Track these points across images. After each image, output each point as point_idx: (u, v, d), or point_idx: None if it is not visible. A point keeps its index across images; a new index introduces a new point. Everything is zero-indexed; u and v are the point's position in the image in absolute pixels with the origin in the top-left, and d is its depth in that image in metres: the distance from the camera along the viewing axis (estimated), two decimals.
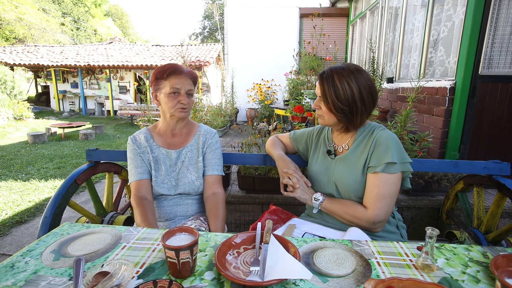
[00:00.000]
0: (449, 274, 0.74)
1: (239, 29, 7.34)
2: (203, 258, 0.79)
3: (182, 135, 1.46)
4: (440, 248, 0.87)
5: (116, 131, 8.65)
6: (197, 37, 36.58)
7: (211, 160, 1.44)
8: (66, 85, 13.19)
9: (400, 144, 1.18)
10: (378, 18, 4.55)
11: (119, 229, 0.94)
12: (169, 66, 1.31)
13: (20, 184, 3.87)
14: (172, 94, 1.29)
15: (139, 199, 1.26)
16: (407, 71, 3.59)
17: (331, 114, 1.19)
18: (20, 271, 0.72)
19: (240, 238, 0.85)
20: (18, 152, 5.65)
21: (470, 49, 2.34)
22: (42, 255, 0.79)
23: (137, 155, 1.36)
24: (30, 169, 4.58)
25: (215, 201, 1.35)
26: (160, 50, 14.09)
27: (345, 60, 6.57)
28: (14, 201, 3.30)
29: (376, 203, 1.13)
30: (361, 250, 0.84)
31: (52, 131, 7.48)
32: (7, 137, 7.26)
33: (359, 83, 1.14)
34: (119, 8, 39.45)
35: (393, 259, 0.80)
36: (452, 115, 2.48)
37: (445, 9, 2.86)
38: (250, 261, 0.78)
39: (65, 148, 6.13)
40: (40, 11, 24.27)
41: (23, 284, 0.68)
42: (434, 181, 2.23)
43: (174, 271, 0.70)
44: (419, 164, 1.62)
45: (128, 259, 0.78)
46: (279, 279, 0.66)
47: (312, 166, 1.39)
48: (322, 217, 1.32)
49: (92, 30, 30.98)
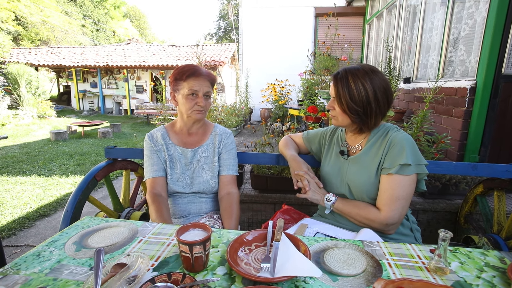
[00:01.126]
0: (462, 278, 0.73)
1: (253, 29, 7.36)
2: (215, 254, 0.82)
3: (198, 135, 1.48)
4: (455, 251, 0.85)
5: (133, 130, 8.88)
6: (212, 37, 36.92)
7: (227, 160, 1.46)
8: (86, 84, 13.66)
9: (415, 146, 1.16)
10: (395, 16, 4.45)
11: (135, 224, 0.98)
12: (188, 68, 1.33)
13: (43, 179, 4.05)
14: (190, 95, 1.31)
15: (154, 196, 1.30)
16: (425, 71, 3.50)
17: (345, 115, 1.19)
18: (46, 260, 0.77)
19: (251, 235, 0.87)
20: (41, 149, 5.91)
21: (492, 48, 2.25)
22: (65, 246, 0.84)
23: (153, 152, 1.40)
24: (52, 165, 4.78)
25: (229, 201, 1.37)
26: (176, 51, 14.33)
27: (361, 60, 6.46)
28: (37, 195, 3.46)
29: (389, 204, 1.11)
30: (372, 251, 0.84)
31: (72, 129, 7.77)
32: (31, 134, 7.60)
33: (374, 84, 1.13)
34: (137, 10, 40.42)
35: (404, 261, 0.79)
36: (472, 117, 2.40)
37: (467, 7, 2.77)
38: (261, 258, 0.79)
39: (84, 145, 6.36)
40: (63, 13, 25.23)
41: (48, 271, 0.72)
42: (452, 184, 2.17)
43: (187, 265, 0.72)
44: (436, 167, 1.58)
45: (144, 252, 0.81)
46: (289, 276, 0.67)
47: (324, 166, 1.39)
48: (334, 217, 1.32)
49: (111, 31, 31.90)
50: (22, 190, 3.60)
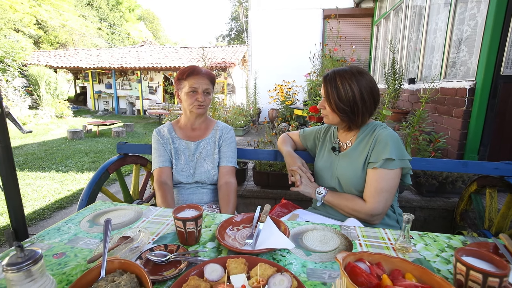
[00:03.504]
0: (423, 256, 0.82)
1: (262, 31, 7.48)
2: (208, 232, 0.94)
3: (201, 129, 1.62)
4: (423, 235, 0.94)
5: (145, 129, 9.14)
6: (224, 38, 37.30)
7: (226, 152, 1.58)
8: (101, 85, 14.13)
9: (400, 142, 1.24)
10: (402, 18, 4.48)
11: (141, 207, 1.12)
12: (188, 68, 1.48)
13: (60, 175, 4.29)
14: (191, 92, 1.46)
15: (160, 183, 1.43)
16: (430, 71, 3.52)
17: (334, 114, 1.28)
18: (64, 233, 0.91)
19: (240, 217, 0.98)
20: (59, 147, 6.21)
21: (491, 49, 2.29)
22: (80, 223, 0.98)
23: (160, 145, 1.54)
24: (69, 162, 5.03)
25: (227, 190, 1.49)
26: (187, 52, 14.62)
27: (369, 61, 6.47)
28: (55, 189, 3.69)
29: (374, 196, 1.20)
30: (348, 233, 0.94)
31: (88, 129, 8.10)
32: (50, 133, 7.97)
33: (360, 85, 1.22)
34: (151, 12, 41.32)
35: (375, 242, 0.89)
36: (472, 117, 2.43)
37: (469, 8, 2.80)
38: (247, 236, 0.91)
39: (99, 144, 6.64)
40: (80, 17, 26.12)
41: (66, 241, 0.86)
42: (448, 183, 2.22)
43: (182, 239, 0.85)
44: (428, 164, 1.65)
45: (146, 228, 0.94)
46: (267, 248, 0.78)
47: (318, 162, 1.49)
48: (325, 209, 1.41)
49: (126, 33, 32.74)
50: (42, 185, 3.84)
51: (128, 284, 0.59)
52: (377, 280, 0.66)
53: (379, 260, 0.73)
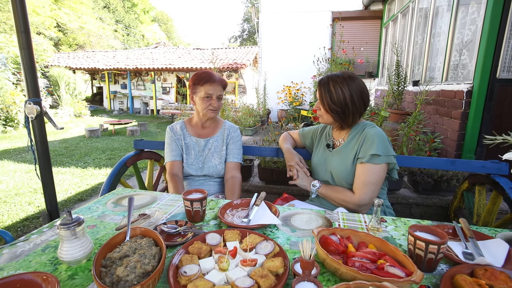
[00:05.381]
0: (391, 235, 0.97)
1: (272, 34, 7.65)
2: (211, 213, 1.11)
3: (210, 128, 1.80)
4: (396, 220, 1.08)
5: (158, 128, 9.46)
6: (236, 39, 37.63)
7: (232, 149, 1.76)
8: (116, 86, 14.64)
9: (386, 140, 1.38)
10: (408, 20, 4.55)
11: (156, 193, 1.31)
12: (205, 75, 1.64)
13: (79, 170, 4.59)
14: (206, 98, 1.63)
15: (172, 175, 1.62)
16: (433, 74, 3.60)
17: (328, 114, 1.44)
18: (94, 211, 1.11)
19: (238, 201, 1.16)
20: (78, 145, 6.56)
21: (487, 52, 2.38)
22: (106, 204, 1.18)
23: (173, 140, 1.73)
24: (87, 158, 5.34)
25: (233, 183, 1.66)
26: (200, 53, 14.93)
27: (378, 63, 6.53)
28: (75, 183, 3.97)
29: (362, 188, 1.35)
30: (330, 217, 1.10)
31: (104, 127, 8.47)
32: (69, 131, 8.39)
33: (351, 88, 1.37)
34: (165, 14, 42.16)
35: (352, 224, 1.05)
36: (469, 118, 2.52)
37: (470, 13, 2.88)
38: (244, 216, 1.08)
39: (114, 142, 6.96)
40: (97, 20, 27.00)
41: (96, 217, 1.06)
42: (443, 181, 2.32)
43: (189, 217, 1.03)
44: (418, 161, 1.78)
45: (161, 208, 1.13)
46: (258, 224, 0.95)
47: (314, 158, 1.64)
48: (319, 200, 1.57)
49: (141, 35, 33.57)
50: (63, 179, 4.13)
51: (147, 244, 0.78)
52: (344, 248, 0.82)
53: (349, 234, 0.89)
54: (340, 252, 0.81)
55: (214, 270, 0.72)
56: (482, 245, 0.87)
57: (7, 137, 7.29)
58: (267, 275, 0.67)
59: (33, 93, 1.63)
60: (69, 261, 0.76)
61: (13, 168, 4.60)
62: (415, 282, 0.64)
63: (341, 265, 0.70)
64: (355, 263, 0.74)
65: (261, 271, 0.69)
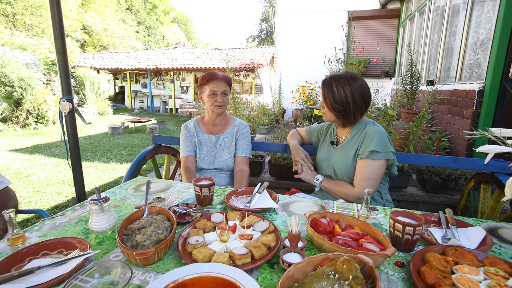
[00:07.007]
0: (379, 221, 1.06)
1: (288, 34, 7.72)
2: (218, 198, 1.25)
3: (221, 125, 1.94)
4: (388, 209, 1.17)
5: (176, 127, 9.78)
6: (254, 39, 37.83)
7: (242, 145, 1.89)
8: (137, 85, 15.19)
9: (385, 137, 1.46)
10: (425, 19, 4.50)
11: (171, 182, 1.46)
12: (208, 74, 1.79)
13: (102, 165, 4.89)
14: (211, 95, 1.77)
15: (186, 169, 1.77)
16: (448, 73, 3.57)
17: (331, 112, 1.53)
18: (117, 195, 1.28)
19: (243, 189, 1.28)
20: (101, 141, 6.94)
21: (499, 51, 2.37)
22: (127, 189, 1.34)
23: (187, 137, 1.88)
24: (110, 154, 5.66)
25: (241, 175, 1.80)
26: (218, 53, 15.20)
27: (394, 62, 6.45)
28: (99, 176, 4.25)
29: (361, 183, 1.43)
30: (326, 205, 1.20)
31: (125, 125, 8.88)
32: (93, 129, 8.85)
33: (352, 88, 1.46)
34: (184, 15, 43.06)
35: (345, 211, 1.14)
36: (480, 118, 2.52)
37: (485, 11, 2.86)
38: (247, 201, 1.20)
39: (135, 139, 7.30)
40: (120, 21, 28.05)
41: (119, 199, 1.22)
42: (451, 180, 2.34)
43: (198, 200, 1.17)
44: (422, 159, 1.83)
45: (174, 193, 1.27)
46: (258, 208, 1.08)
47: (319, 154, 1.74)
48: (322, 193, 1.67)
49: (161, 36, 34.51)
50: (88, 173, 4.43)
51: (161, 219, 0.92)
52: (332, 229, 0.93)
53: (338, 218, 0.99)
54: (327, 232, 0.92)
55: (216, 242, 0.85)
56: (462, 232, 0.95)
57: (38, 133, 7.81)
58: (260, 246, 0.80)
59: (66, 91, 1.84)
60: (98, 231, 0.91)
61: (44, 162, 4.98)
62: (387, 255, 0.74)
63: (325, 241, 0.81)
64: (338, 240, 0.84)
65: (255, 243, 0.81)
